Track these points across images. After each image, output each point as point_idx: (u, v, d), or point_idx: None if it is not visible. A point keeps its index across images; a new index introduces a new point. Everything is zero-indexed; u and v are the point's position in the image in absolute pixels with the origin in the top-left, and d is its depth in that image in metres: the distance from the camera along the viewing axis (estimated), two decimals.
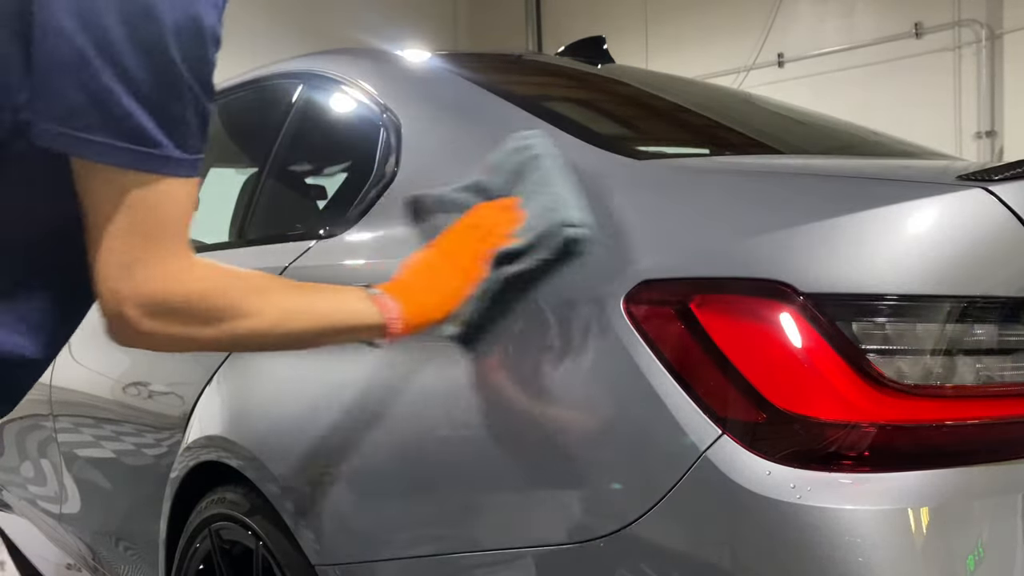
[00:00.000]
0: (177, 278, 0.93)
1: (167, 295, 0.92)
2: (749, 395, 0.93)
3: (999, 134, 6.67)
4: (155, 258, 0.91)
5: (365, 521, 1.27)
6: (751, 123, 1.94)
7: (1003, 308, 0.96)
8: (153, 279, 0.91)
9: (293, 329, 1.02)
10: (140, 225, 0.89)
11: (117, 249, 0.89)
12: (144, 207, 0.89)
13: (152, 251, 0.90)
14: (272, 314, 1.00)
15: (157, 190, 0.89)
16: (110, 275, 0.90)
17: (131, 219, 0.88)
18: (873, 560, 0.86)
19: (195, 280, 0.95)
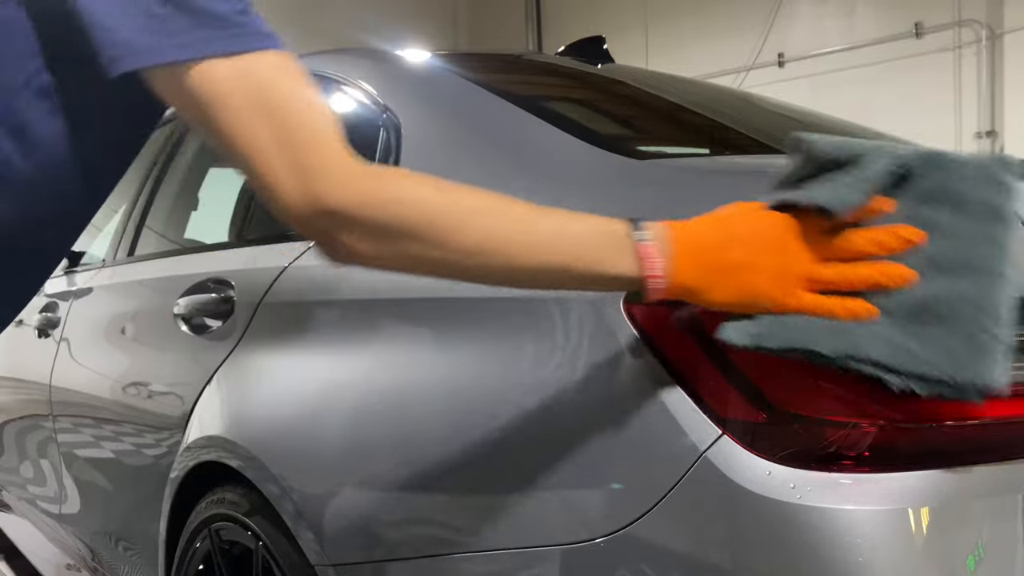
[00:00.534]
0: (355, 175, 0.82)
1: (351, 198, 0.81)
2: (749, 395, 0.93)
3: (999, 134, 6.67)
4: (322, 157, 0.81)
5: (365, 521, 1.27)
6: (751, 123, 1.93)
7: None
8: (329, 182, 0.80)
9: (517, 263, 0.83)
10: (286, 124, 0.81)
11: (279, 166, 0.81)
12: (279, 97, 0.82)
13: (314, 151, 0.81)
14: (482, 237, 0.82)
15: (276, 67, 0.83)
16: (285, 195, 0.81)
17: (274, 122, 0.81)
18: (873, 560, 0.86)
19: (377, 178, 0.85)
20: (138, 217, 2.42)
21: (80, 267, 2.67)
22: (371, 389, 1.29)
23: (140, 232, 2.40)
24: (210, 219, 2.37)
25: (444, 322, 1.22)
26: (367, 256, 0.83)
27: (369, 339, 1.33)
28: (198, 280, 1.78)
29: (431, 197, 0.84)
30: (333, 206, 0.80)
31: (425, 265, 0.84)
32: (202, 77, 0.81)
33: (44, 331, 2.57)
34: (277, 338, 1.52)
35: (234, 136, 0.82)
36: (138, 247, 2.38)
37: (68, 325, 2.45)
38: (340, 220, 0.81)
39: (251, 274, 1.66)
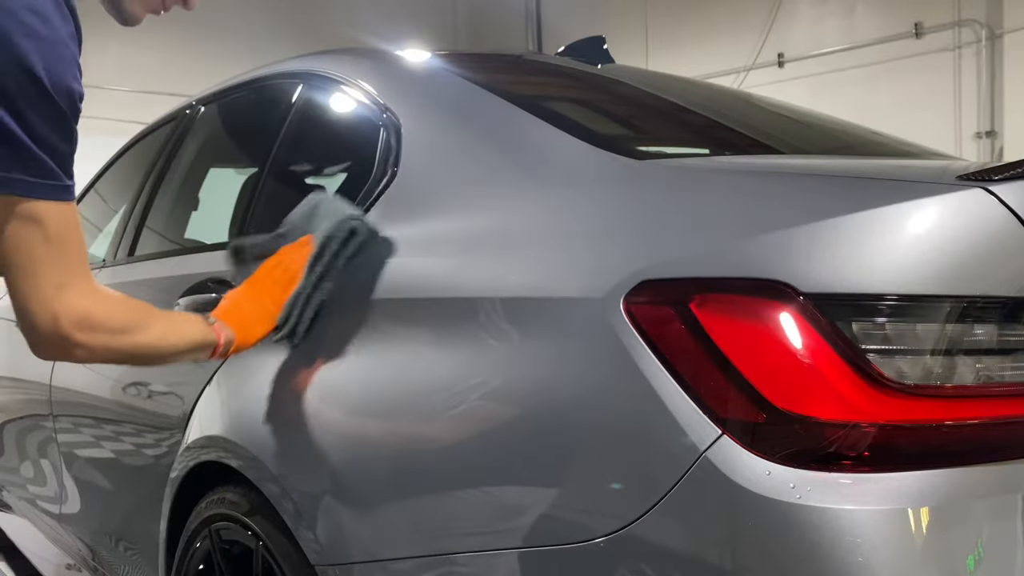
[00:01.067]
0: (96, 294, 1.13)
1: (92, 309, 1.11)
2: (749, 395, 0.93)
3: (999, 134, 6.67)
4: (78, 278, 1.10)
5: (365, 521, 1.27)
6: (751, 123, 1.94)
7: (1003, 308, 0.96)
8: (81, 296, 1.10)
9: (168, 344, 1.24)
10: (65, 251, 1.08)
11: (48, 276, 1.07)
12: (63, 233, 1.07)
13: (76, 273, 1.10)
14: (158, 327, 1.23)
15: (67, 217, 1.08)
16: (46, 299, 1.07)
17: (58, 247, 1.07)
18: (873, 560, 0.86)
19: (105, 296, 1.16)
20: (138, 217, 2.42)
21: None
22: (371, 389, 1.29)
23: (140, 232, 2.40)
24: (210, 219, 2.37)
25: (444, 322, 1.22)
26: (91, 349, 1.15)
27: (369, 339, 1.33)
28: (198, 280, 1.79)
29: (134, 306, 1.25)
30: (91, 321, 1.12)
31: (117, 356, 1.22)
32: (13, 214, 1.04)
33: None
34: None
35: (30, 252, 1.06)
36: (138, 247, 2.38)
37: None
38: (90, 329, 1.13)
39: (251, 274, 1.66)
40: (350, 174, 1.89)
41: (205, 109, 2.33)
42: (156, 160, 2.45)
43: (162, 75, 7.82)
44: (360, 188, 1.54)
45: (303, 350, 1.44)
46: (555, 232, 1.20)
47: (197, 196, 2.43)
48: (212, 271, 1.78)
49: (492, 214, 1.29)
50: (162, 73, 7.87)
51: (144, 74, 8.04)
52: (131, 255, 2.38)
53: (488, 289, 1.18)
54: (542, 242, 1.19)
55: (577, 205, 1.21)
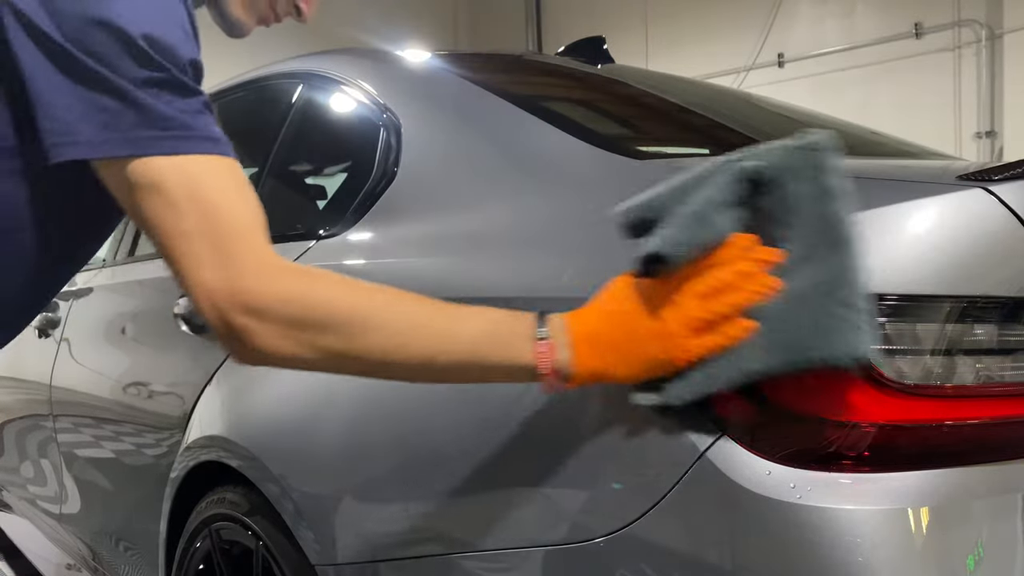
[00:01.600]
0: (274, 270, 0.86)
1: (269, 287, 0.85)
2: (749, 395, 0.93)
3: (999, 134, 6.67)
4: (241, 250, 0.85)
5: (365, 521, 1.27)
6: (751, 123, 1.94)
7: (1003, 308, 0.96)
8: (247, 272, 0.85)
9: (427, 353, 0.88)
10: (214, 215, 0.85)
11: (201, 252, 0.85)
12: (211, 191, 0.86)
13: (235, 244, 0.85)
14: (395, 330, 0.87)
15: (216, 171, 0.87)
16: (203, 282, 0.85)
17: (202, 211, 0.85)
18: (873, 560, 0.86)
19: (297, 275, 0.88)
20: None
21: None
22: (372, 388, 1.29)
23: (140, 232, 2.40)
24: None
25: None
26: (276, 350, 0.87)
27: None
28: None
29: (345, 296, 0.88)
30: (253, 301, 0.85)
31: (336, 362, 0.89)
32: (142, 173, 0.85)
33: (44, 331, 2.57)
34: None
35: (164, 226, 0.86)
36: (138, 247, 2.38)
37: (68, 325, 2.45)
38: (259, 314, 0.85)
39: None
40: (350, 174, 1.89)
41: None
42: None
43: None
44: (360, 188, 1.54)
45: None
46: (555, 232, 1.20)
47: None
48: None
49: (492, 214, 1.29)
50: None
51: None
52: (131, 255, 2.38)
53: (488, 289, 1.18)
54: (542, 242, 1.19)
55: (577, 205, 1.21)
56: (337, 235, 1.51)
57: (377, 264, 1.40)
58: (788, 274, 0.87)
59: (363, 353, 0.87)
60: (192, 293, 0.86)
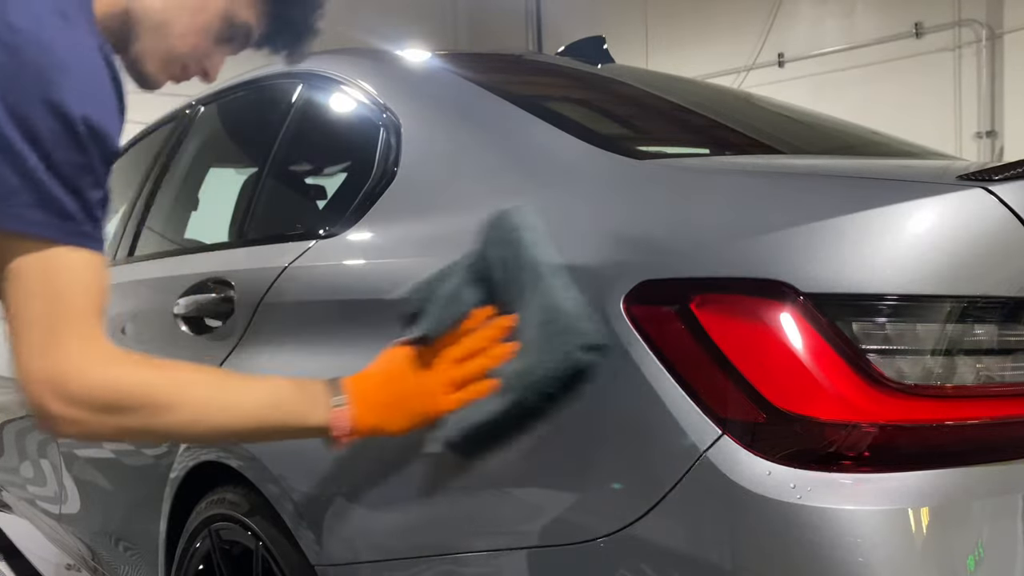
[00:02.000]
0: (92, 360, 0.95)
1: (82, 378, 0.94)
2: (749, 395, 0.93)
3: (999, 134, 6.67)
4: (69, 338, 0.93)
5: (365, 521, 1.27)
6: (751, 123, 1.93)
7: (1003, 308, 0.96)
8: (67, 360, 0.93)
9: (220, 424, 1.02)
10: (63, 302, 0.93)
11: (35, 332, 0.93)
12: (68, 281, 0.93)
13: (70, 330, 0.93)
14: (191, 408, 1.00)
15: (81, 264, 0.94)
16: (30, 360, 0.93)
17: (50, 296, 0.93)
18: (873, 560, 0.86)
19: (109, 364, 0.96)
20: (138, 217, 2.42)
21: None
22: None
23: (140, 232, 2.40)
24: (210, 219, 2.37)
25: None
26: (86, 431, 0.97)
27: (369, 339, 1.32)
28: (198, 280, 1.78)
29: (146, 382, 0.99)
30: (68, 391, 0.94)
31: (141, 437, 1.06)
32: (10, 250, 0.92)
33: None
34: (277, 338, 1.52)
35: (15, 309, 0.94)
36: (138, 247, 2.38)
37: None
38: (72, 402, 0.94)
39: (251, 274, 1.66)
40: (350, 174, 1.89)
41: (205, 109, 2.32)
42: (156, 160, 2.45)
43: None
44: (360, 188, 1.54)
45: (303, 350, 1.44)
46: (555, 232, 1.19)
47: (197, 196, 2.43)
48: (212, 271, 1.78)
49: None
50: None
51: None
52: (131, 255, 2.38)
53: None
54: None
55: (577, 205, 1.21)
56: (337, 235, 1.51)
57: (377, 264, 1.40)
58: (522, 330, 1.04)
59: (163, 430, 1.01)
60: (19, 376, 0.95)
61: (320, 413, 1.05)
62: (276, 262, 1.59)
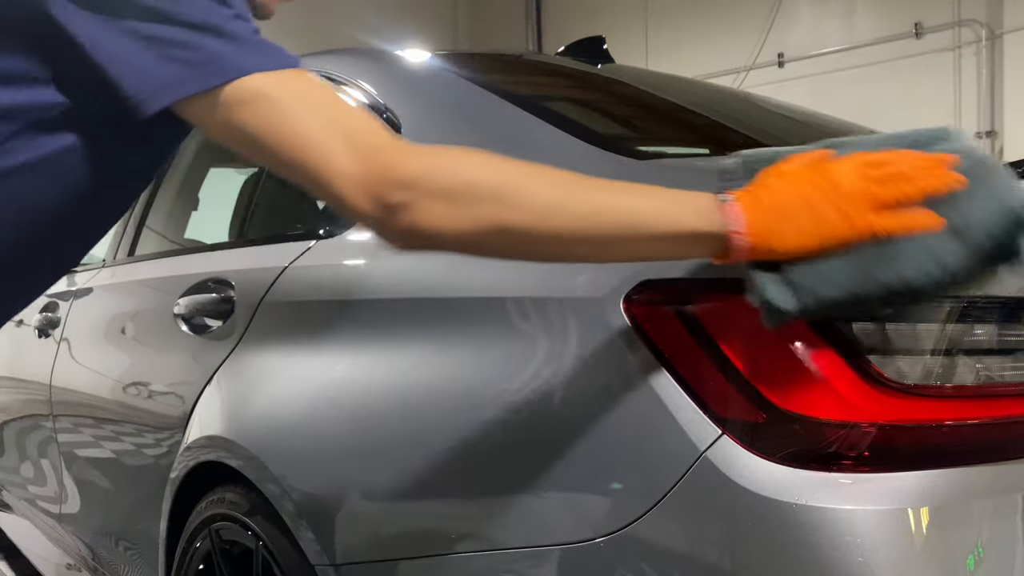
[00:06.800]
0: (410, 147, 0.86)
1: (414, 164, 0.83)
2: (749, 395, 0.93)
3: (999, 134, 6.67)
4: (372, 132, 0.85)
5: (365, 521, 1.27)
6: (751, 123, 1.94)
7: (1003, 308, 0.96)
8: (387, 152, 0.83)
9: (589, 227, 0.82)
10: (330, 110, 0.85)
11: (332, 144, 0.83)
12: (317, 94, 0.86)
13: (362, 128, 0.84)
14: (556, 198, 0.82)
15: (307, 80, 0.87)
16: (344, 171, 0.82)
17: (317, 109, 0.84)
18: (873, 560, 0.86)
19: (431, 149, 0.86)
20: (138, 217, 2.42)
21: (80, 267, 2.67)
22: (371, 389, 1.29)
23: (140, 232, 2.40)
24: (210, 219, 2.37)
25: (444, 322, 1.22)
26: (441, 228, 0.82)
27: (369, 339, 1.33)
28: (198, 280, 1.78)
29: (495, 161, 0.85)
30: (402, 176, 0.81)
31: (499, 233, 0.82)
32: (243, 91, 0.84)
33: (44, 331, 2.57)
34: (277, 338, 1.52)
35: (281, 131, 0.83)
36: (138, 247, 2.38)
37: (68, 325, 2.45)
38: (412, 189, 0.81)
39: (251, 274, 1.66)
40: None
41: None
42: None
43: None
44: None
45: (303, 350, 1.44)
46: None
47: (197, 196, 2.43)
48: (212, 271, 1.78)
49: None
50: None
51: None
52: (131, 255, 2.38)
53: (487, 289, 1.18)
54: None
55: None
56: (337, 235, 1.51)
57: (377, 264, 1.40)
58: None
59: (527, 219, 0.82)
60: (333, 186, 0.83)
61: (703, 216, 0.82)
62: (276, 262, 1.59)
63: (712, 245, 0.83)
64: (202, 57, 0.83)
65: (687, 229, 0.82)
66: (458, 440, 1.16)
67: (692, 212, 0.82)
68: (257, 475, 1.43)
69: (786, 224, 0.81)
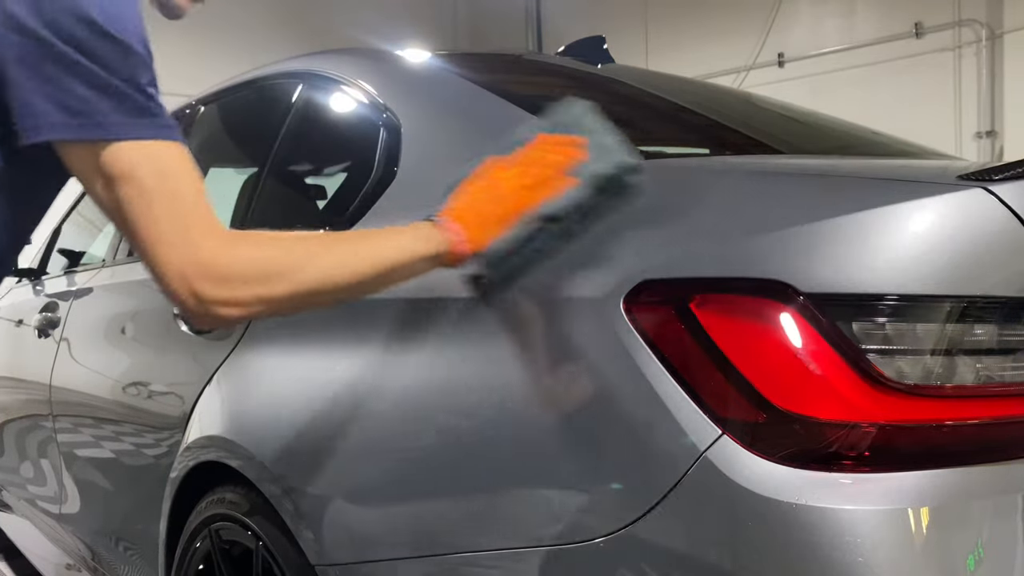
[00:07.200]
0: (224, 239, 0.97)
1: (227, 255, 0.95)
2: (749, 395, 0.93)
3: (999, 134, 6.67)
4: (201, 226, 0.95)
5: (365, 521, 1.27)
6: (751, 123, 1.94)
7: (1003, 308, 0.96)
8: (206, 245, 0.94)
9: (360, 267, 1.04)
10: (180, 194, 0.94)
11: (165, 227, 0.93)
12: (177, 175, 0.94)
13: (196, 220, 0.95)
14: (330, 256, 1.03)
15: (179, 156, 0.95)
16: (170, 256, 0.93)
17: (171, 191, 0.93)
18: (873, 560, 0.86)
19: (239, 241, 0.99)
20: None
21: (80, 267, 2.67)
22: (371, 388, 1.29)
23: None
24: None
25: (444, 322, 1.22)
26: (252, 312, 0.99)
27: (369, 339, 1.33)
28: None
29: (286, 240, 1.04)
30: (218, 272, 0.95)
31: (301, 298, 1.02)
32: (114, 158, 0.92)
33: (44, 331, 2.57)
34: (277, 338, 1.53)
35: (135, 212, 0.93)
36: None
37: (68, 325, 2.45)
38: (227, 282, 0.96)
39: None
40: (350, 174, 1.89)
41: (205, 109, 2.32)
42: None
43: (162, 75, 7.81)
44: (360, 188, 1.54)
45: (303, 350, 1.44)
46: None
47: None
48: None
49: None
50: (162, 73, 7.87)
51: None
52: (131, 255, 2.38)
53: None
54: None
55: None
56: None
57: None
58: None
59: (306, 290, 1.01)
60: (161, 271, 0.94)
61: (432, 241, 1.08)
62: None
63: (444, 259, 1.09)
64: (92, 110, 0.90)
65: (425, 254, 1.08)
66: (458, 440, 1.16)
67: (424, 240, 1.08)
68: (257, 475, 1.43)
69: (483, 226, 1.10)
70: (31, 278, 2.96)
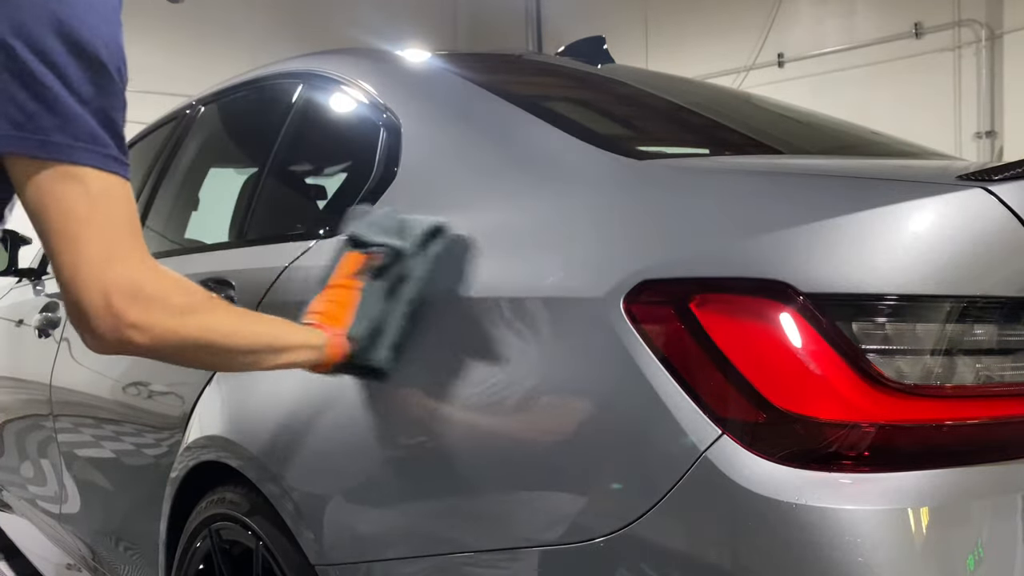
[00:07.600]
0: (152, 267, 1.00)
1: (148, 280, 0.98)
2: (749, 395, 0.93)
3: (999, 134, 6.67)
4: (131, 249, 0.97)
5: (365, 521, 1.27)
6: (751, 123, 1.94)
7: (1003, 308, 0.96)
8: (134, 267, 0.97)
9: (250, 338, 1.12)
10: (112, 220, 0.95)
11: (95, 244, 0.94)
12: (110, 204, 0.95)
13: (127, 243, 0.97)
14: (231, 316, 1.12)
15: (116, 188, 0.96)
16: (92, 270, 0.94)
17: (103, 215, 0.94)
18: (873, 560, 0.86)
19: (163, 271, 1.02)
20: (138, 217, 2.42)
21: None
22: (371, 388, 1.29)
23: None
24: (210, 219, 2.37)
25: (443, 322, 1.22)
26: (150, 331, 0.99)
27: None
28: (198, 280, 1.78)
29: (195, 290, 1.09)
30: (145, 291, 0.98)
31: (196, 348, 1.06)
32: (50, 176, 0.92)
33: (44, 331, 2.57)
34: None
35: (67, 239, 0.94)
36: None
37: (68, 325, 2.45)
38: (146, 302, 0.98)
39: (251, 274, 1.66)
40: (350, 174, 1.89)
41: (205, 109, 2.32)
42: (156, 160, 2.45)
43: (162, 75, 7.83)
44: (360, 188, 1.54)
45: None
46: (555, 232, 1.20)
47: (197, 196, 2.43)
48: (212, 271, 1.78)
49: (492, 214, 1.29)
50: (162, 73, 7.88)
51: (144, 74, 7.99)
52: None
53: (487, 289, 1.18)
54: (542, 242, 1.19)
55: (577, 205, 1.21)
56: (337, 235, 1.51)
57: None
58: None
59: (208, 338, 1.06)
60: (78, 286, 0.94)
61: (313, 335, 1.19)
62: (276, 262, 1.59)
63: (320, 352, 1.18)
64: (40, 127, 0.90)
65: (312, 343, 1.18)
66: (458, 440, 1.16)
67: (306, 332, 1.19)
68: (257, 475, 1.43)
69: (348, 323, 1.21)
70: (31, 278, 2.97)
